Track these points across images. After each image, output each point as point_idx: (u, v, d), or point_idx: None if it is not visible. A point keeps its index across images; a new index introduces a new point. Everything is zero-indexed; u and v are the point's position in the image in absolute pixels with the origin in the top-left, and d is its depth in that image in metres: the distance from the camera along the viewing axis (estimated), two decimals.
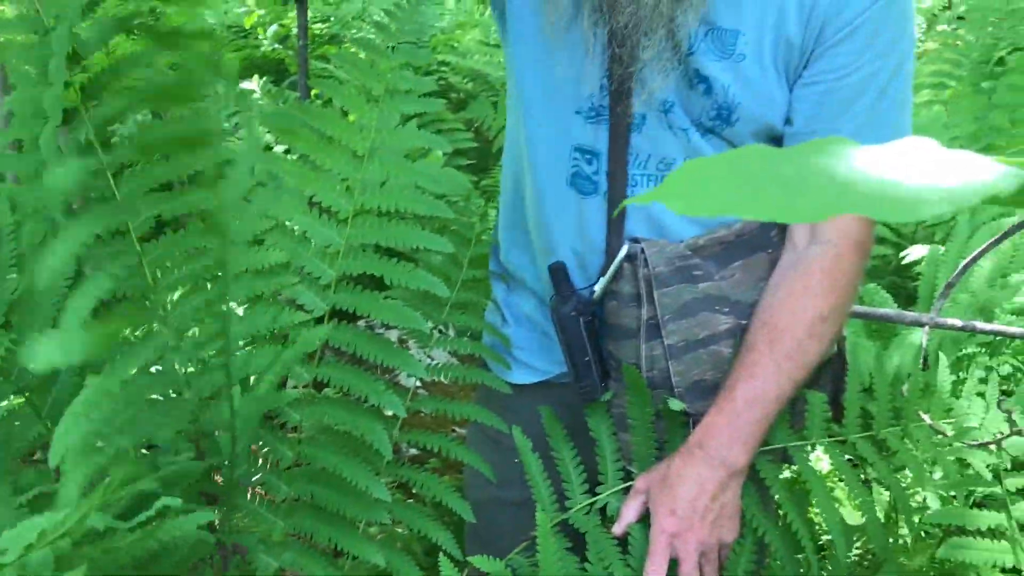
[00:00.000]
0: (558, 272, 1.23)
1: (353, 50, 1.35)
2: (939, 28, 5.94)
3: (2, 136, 1.08)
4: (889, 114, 1.11)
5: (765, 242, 1.20)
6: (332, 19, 5.14)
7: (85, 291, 0.98)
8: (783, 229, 1.21)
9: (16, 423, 0.94)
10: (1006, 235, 1.27)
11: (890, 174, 0.38)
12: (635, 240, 1.18)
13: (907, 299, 2.29)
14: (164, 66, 1.22)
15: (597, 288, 1.20)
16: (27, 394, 0.99)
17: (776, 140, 1.15)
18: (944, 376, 1.30)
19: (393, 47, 1.27)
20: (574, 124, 1.18)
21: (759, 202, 0.36)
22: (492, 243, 1.43)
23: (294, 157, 1.98)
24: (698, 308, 1.16)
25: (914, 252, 2.24)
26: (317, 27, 4.59)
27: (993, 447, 1.20)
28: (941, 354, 1.34)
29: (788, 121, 1.13)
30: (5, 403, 0.94)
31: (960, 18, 6.18)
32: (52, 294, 1.01)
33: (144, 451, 1.36)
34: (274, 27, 3.02)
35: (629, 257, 1.16)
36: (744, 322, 1.18)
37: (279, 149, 2.37)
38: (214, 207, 1.09)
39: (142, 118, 2.25)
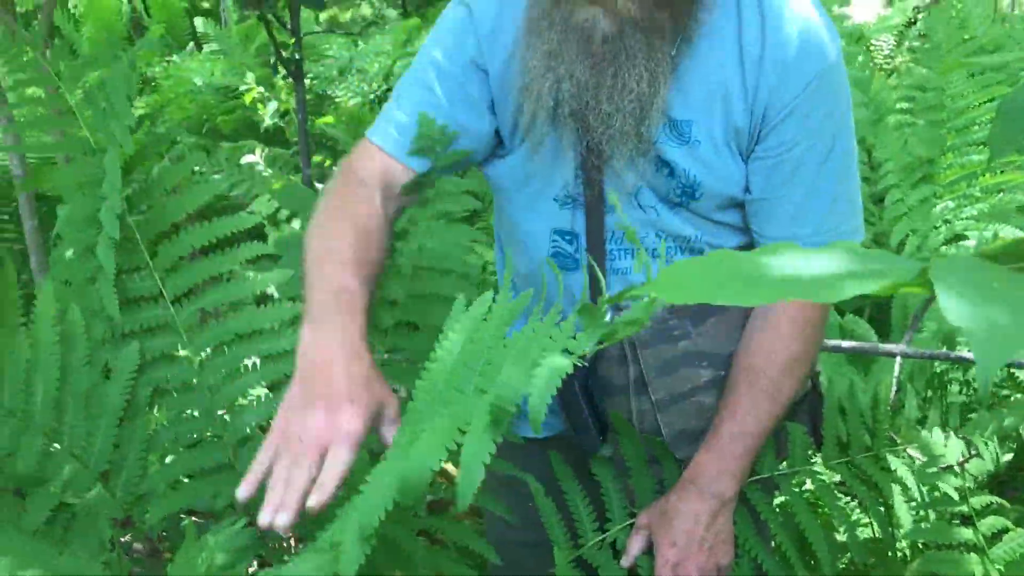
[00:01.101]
0: None
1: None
2: (906, 45, 6.12)
3: (62, 247, 1.22)
4: (833, 175, 1.24)
5: None
6: (313, 76, 5.27)
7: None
8: None
9: (99, 507, 1.07)
10: None
11: (819, 269, 0.53)
12: (617, 308, 1.31)
13: (886, 322, 2.42)
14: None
15: (587, 352, 1.33)
16: (103, 476, 1.13)
17: (738, 205, 1.28)
18: (912, 404, 1.44)
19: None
20: (552, 210, 1.31)
21: (727, 292, 0.51)
22: None
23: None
24: (679, 364, 1.30)
25: None
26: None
27: (957, 469, 1.33)
28: (909, 386, 1.47)
29: (747, 190, 1.26)
30: (94, 491, 1.07)
31: (922, 35, 6.38)
32: (123, 386, 1.15)
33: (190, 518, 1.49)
34: (273, 104, 3.17)
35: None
36: (723, 373, 1.32)
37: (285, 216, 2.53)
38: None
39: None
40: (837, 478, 1.41)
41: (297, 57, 2.33)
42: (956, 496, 1.33)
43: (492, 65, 1.25)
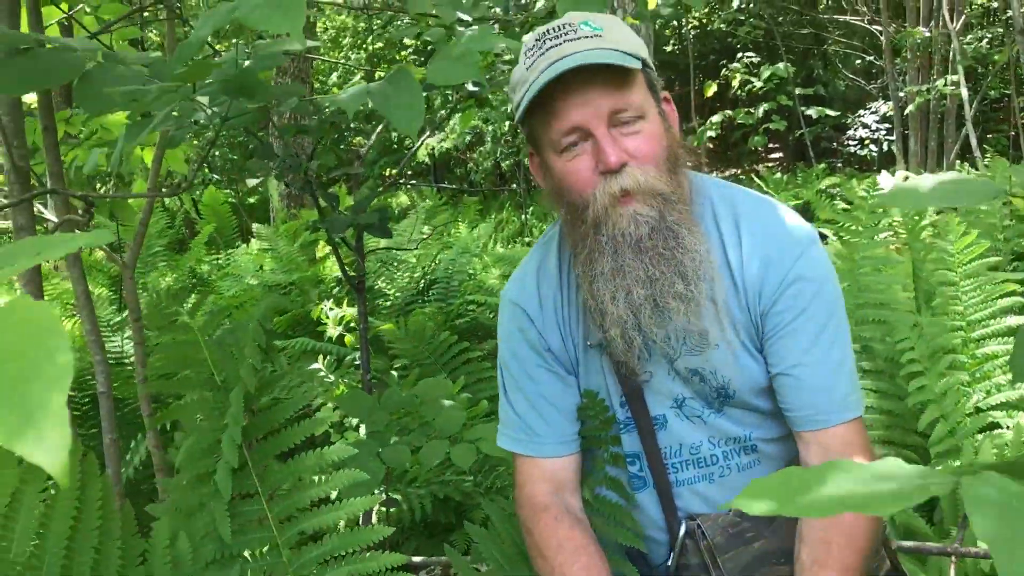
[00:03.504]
0: (634, 554, 1.47)
1: None
2: (927, 221, 6.34)
3: (179, 476, 1.35)
4: (832, 347, 1.34)
5: None
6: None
7: None
8: None
9: None
10: None
11: (874, 484, 0.64)
12: (691, 517, 1.41)
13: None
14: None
15: (670, 564, 1.42)
16: None
17: (769, 389, 1.38)
18: None
19: None
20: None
21: (796, 505, 0.60)
22: None
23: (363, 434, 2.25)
24: (758, 565, 1.37)
25: None
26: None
27: None
28: None
29: (768, 371, 1.36)
30: None
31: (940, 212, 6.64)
32: None
33: None
34: (335, 312, 3.38)
35: (688, 533, 1.39)
36: None
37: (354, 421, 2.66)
38: None
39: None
40: None
41: (361, 274, 2.53)
42: None
43: (552, 338, 1.43)
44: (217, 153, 11.26)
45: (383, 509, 2.83)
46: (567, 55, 1.22)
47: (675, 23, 12.21)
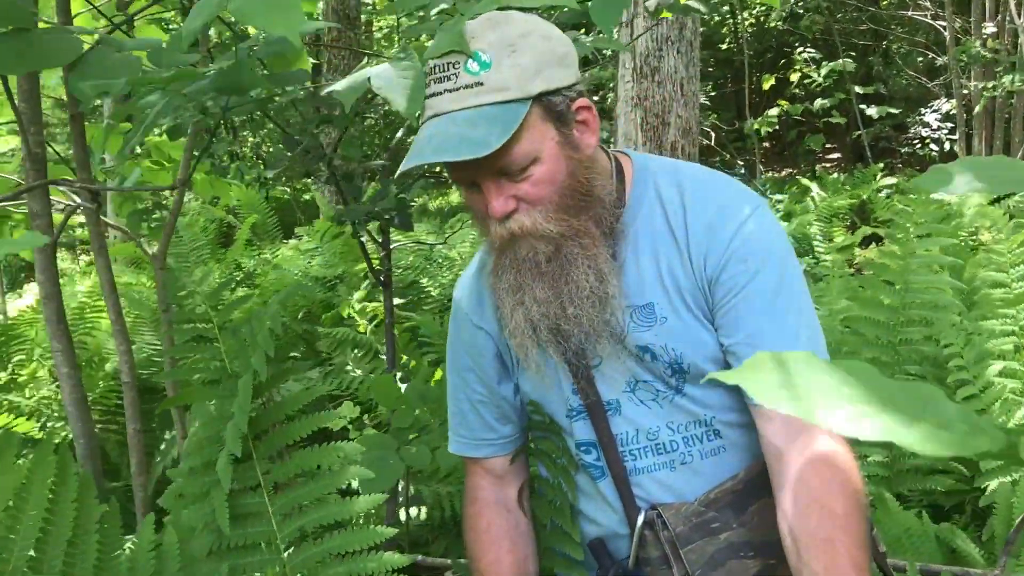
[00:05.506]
0: (597, 548, 1.39)
1: None
2: (987, 224, 6.11)
3: (185, 462, 1.31)
4: (789, 305, 1.27)
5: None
6: (405, 266, 5.51)
7: None
8: None
9: None
10: None
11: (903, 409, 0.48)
12: (652, 507, 1.33)
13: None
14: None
15: (628, 557, 1.35)
16: None
17: (723, 358, 1.30)
18: None
19: None
20: (567, 426, 1.40)
21: (799, 403, 0.49)
22: None
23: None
24: (724, 558, 1.29)
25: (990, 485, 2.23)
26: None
27: None
28: None
29: (721, 343, 1.29)
30: None
31: (1011, 213, 6.38)
32: None
33: None
34: (362, 304, 3.35)
35: (648, 524, 1.31)
36: (772, 561, 1.28)
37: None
38: None
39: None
40: None
41: (386, 268, 2.49)
42: None
43: (490, 327, 1.43)
44: (271, 149, 11.35)
45: (404, 507, 2.79)
46: (442, 114, 1.20)
47: (730, 20, 12.00)
